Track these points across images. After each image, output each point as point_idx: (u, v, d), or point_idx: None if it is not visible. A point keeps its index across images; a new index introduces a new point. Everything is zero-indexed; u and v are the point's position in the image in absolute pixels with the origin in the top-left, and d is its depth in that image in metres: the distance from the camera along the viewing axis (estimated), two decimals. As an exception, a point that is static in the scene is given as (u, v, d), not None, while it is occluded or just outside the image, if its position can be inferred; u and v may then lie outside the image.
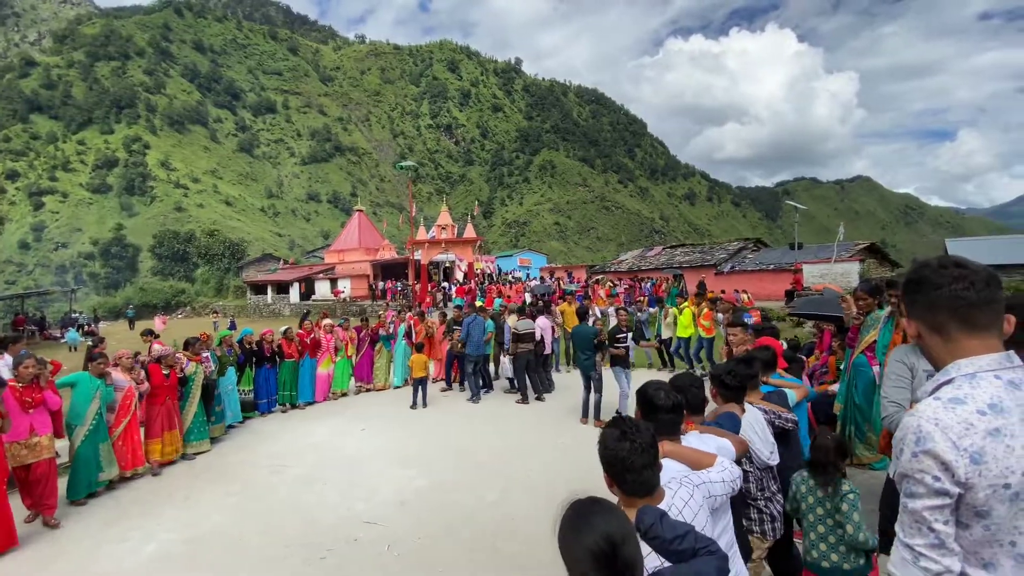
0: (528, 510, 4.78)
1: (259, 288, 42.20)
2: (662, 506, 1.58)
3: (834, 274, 19.50)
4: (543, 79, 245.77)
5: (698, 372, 9.73)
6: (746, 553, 2.30)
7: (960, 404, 1.14)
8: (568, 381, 10.06)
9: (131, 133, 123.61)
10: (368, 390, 10.22)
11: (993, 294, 1.19)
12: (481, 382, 9.65)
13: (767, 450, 2.65)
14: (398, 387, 10.42)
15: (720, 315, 9.15)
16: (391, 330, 10.50)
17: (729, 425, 2.46)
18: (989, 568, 1.12)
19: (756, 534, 2.77)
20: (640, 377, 10.40)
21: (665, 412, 2.00)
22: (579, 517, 1.26)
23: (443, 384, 10.40)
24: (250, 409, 8.33)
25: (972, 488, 1.10)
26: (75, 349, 21.73)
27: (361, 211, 42.40)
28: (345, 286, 34.99)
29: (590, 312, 8.70)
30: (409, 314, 11.08)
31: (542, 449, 6.51)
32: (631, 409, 3.04)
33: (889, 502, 2.34)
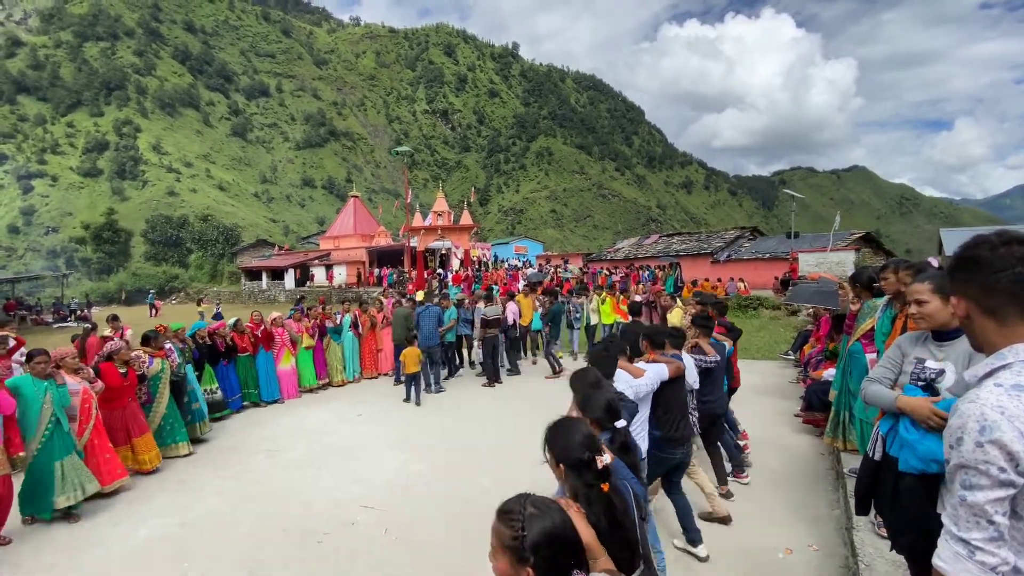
0: (524, 495, 4.79)
1: (254, 274, 41.92)
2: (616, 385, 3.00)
3: (829, 263, 19.55)
4: (540, 64, 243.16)
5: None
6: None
7: None
8: (546, 368, 10.26)
9: (121, 116, 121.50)
10: (326, 385, 9.59)
11: None
12: (446, 371, 9.96)
13: (691, 378, 3.98)
14: (350, 380, 9.93)
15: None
16: (338, 321, 10.01)
17: (677, 359, 3.91)
18: None
19: None
20: (579, 364, 10.92)
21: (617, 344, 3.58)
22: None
23: (395, 378, 9.89)
24: (221, 408, 7.66)
25: None
26: None
27: (356, 197, 42.04)
28: (341, 272, 34.81)
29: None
30: (354, 306, 10.75)
31: (535, 434, 6.51)
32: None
33: (865, 485, 2.33)
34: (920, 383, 2.18)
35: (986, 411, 1.08)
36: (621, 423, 2.33)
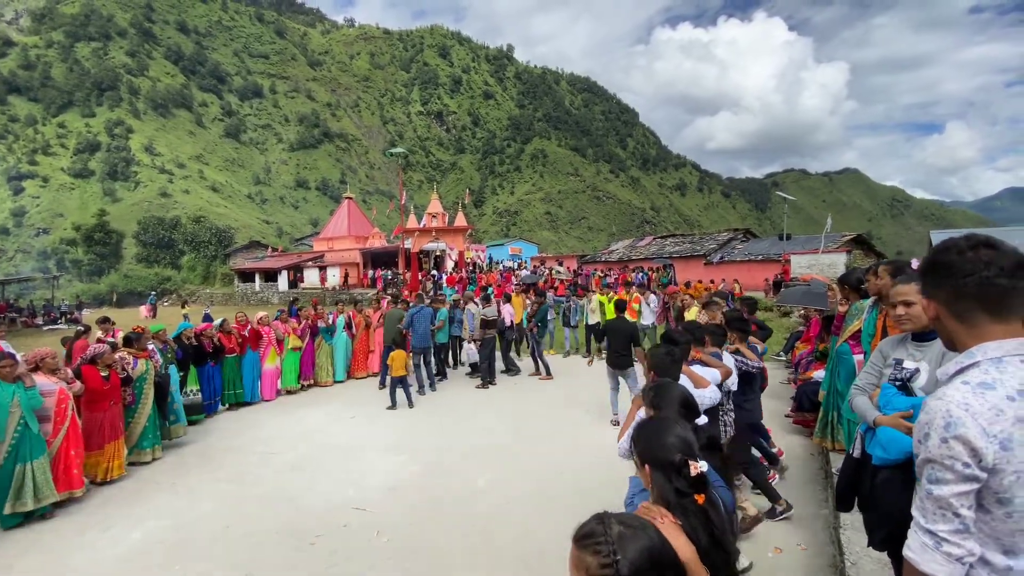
0: (520, 495, 4.82)
1: (247, 276, 41.73)
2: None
3: (821, 265, 19.72)
4: (535, 66, 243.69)
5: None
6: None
7: (989, 389, 1.12)
8: (554, 368, 10.29)
9: (113, 116, 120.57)
10: (312, 386, 9.57)
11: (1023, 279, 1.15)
12: (435, 372, 9.80)
13: (730, 380, 3.92)
14: (340, 381, 9.93)
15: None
16: (330, 322, 10.05)
17: (716, 358, 3.87)
18: (1010, 555, 1.12)
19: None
20: (571, 363, 11.13)
21: (681, 344, 3.46)
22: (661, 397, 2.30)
23: (379, 381, 9.66)
24: (198, 411, 7.46)
25: (998, 474, 1.09)
26: None
27: (350, 198, 41.93)
28: (335, 274, 34.73)
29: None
30: (349, 307, 10.79)
31: (530, 435, 6.56)
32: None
33: (847, 480, 2.40)
34: (896, 383, 2.23)
35: (951, 408, 1.12)
36: (702, 420, 2.18)
